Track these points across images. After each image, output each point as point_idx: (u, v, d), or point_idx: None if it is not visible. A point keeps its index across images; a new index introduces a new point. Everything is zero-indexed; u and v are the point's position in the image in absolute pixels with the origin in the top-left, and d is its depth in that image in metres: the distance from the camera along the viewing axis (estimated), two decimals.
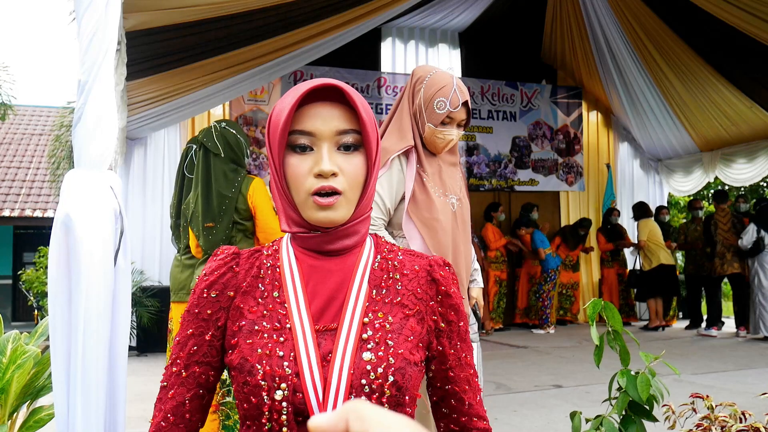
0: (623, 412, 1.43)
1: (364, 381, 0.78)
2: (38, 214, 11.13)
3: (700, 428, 1.50)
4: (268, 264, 0.88)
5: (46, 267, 3.66)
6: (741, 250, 6.94)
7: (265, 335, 0.81)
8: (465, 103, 1.96)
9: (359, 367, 0.78)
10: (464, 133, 2.08)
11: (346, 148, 0.82)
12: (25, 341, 2.10)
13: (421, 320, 0.86)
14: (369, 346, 0.80)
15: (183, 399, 0.85)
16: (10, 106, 9.99)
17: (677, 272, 8.10)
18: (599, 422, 1.43)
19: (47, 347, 1.88)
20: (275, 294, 0.85)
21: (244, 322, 0.83)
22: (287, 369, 0.77)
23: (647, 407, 1.41)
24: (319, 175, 0.80)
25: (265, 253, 0.90)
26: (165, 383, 0.87)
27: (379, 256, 0.89)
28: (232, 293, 0.86)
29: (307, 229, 0.85)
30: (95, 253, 1.75)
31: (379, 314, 0.83)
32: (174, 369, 0.87)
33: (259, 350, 0.80)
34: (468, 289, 2.11)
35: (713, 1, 5.93)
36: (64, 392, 1.73)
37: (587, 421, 1.49)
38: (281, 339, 0.80)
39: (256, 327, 0.82)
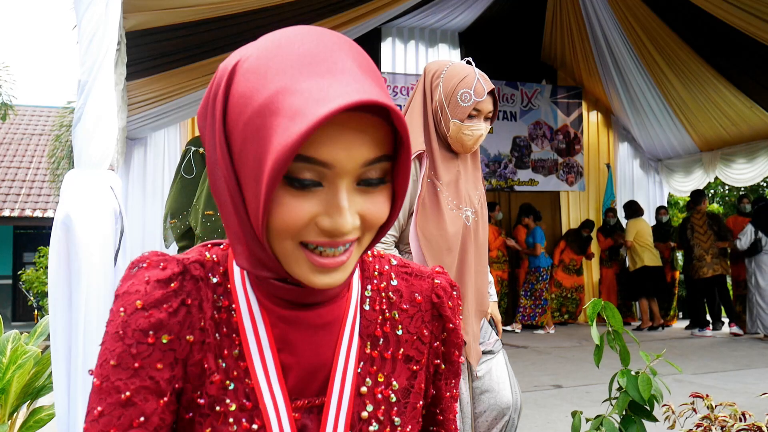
0: (623, 412, 1.43)
1: None
2: (38, 214, 11.13)
3: (700, 428, 1.50)
4: (220, 302, 0.60)
5: (46, 267, 3.66)
6: (722, 250, 6.99)
7: (231, 420, 0.57)
8: (491, 93, 1.76)
9: None
10: None
11: (369, 183, 0.54)
12: (25, 341, 2.10)
13: (424, 370, 0.68)
14: (371, 428, 0.60)
15: None
16: (10, 106, 10.00)
17: (677, 273, 8.10)
18: (599, 422, 1.43)
19: (47, 347, 1.88)
20: (235, 352, 0.59)
21: (202, 401, 0.58)
22: None
23: (647, 407, 1.41)
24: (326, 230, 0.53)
25: (212, 279, 0.61)
26: None
27: (369, 287, 0.66)
28: (191, 338, 0.58)
29: (280, 275, 0.57)
30: (95, 253, 1.75)
31: (379, 377, 0.63)
32: None
33: None
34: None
35: (713, 1, 5.93)
36: (64, 392, 1.73)
37: (587, 420, 1.49)
38: (254, 426, 0.57)
39: (218, 407, 0.58)
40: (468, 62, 1.82)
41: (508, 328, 7.61)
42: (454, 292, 0.71)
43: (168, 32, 4.01)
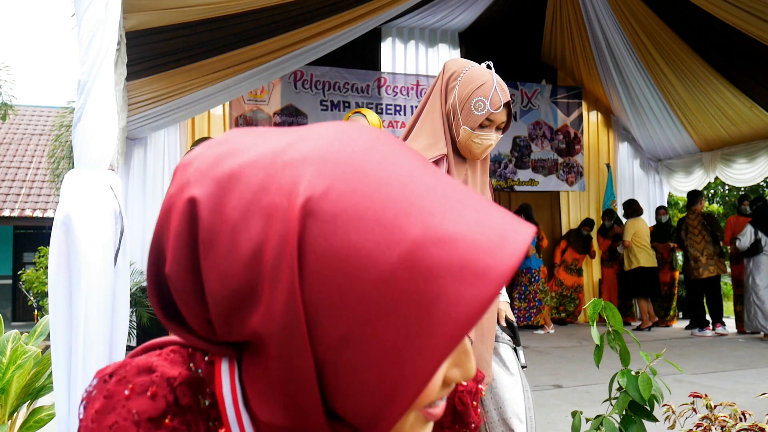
0: (623, 412, 1.43)
1: None
2: (38, 214, 11.14)
3: (700, 428, 1.50)
4: (215, 430, 0.49)
5: (46, 267, 3.66)
6: (719, 251, 7.00)
7: None
8: (506, 104, 1.71)
9: None
10: None
11: None
12: (24, 341, 2.10)
13: None
14: None
15: None
16: (10, 106, 10.00)
17: (677, 273, 8.10)
18: (599, 422, 1.43)
19: (47, 347, 1.89)
20: None
21: None
22: None
23: (647, 407, 1.41)
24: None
25: (203, 402, 0.48)
26: None
27: None
28: None
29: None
30: (95, 253, 1.75)
31: None
32: None
33: None
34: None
35: (713, 2, 5.93)
36: (64, 392, 1.73)
37: (587, 420, 1.49)
38: None
39: None
40: (488, 67, 1.78)
41: (541, 332, 7.58)
42: (480, 385, 0.63)
43: (168, 32, 4.01)
